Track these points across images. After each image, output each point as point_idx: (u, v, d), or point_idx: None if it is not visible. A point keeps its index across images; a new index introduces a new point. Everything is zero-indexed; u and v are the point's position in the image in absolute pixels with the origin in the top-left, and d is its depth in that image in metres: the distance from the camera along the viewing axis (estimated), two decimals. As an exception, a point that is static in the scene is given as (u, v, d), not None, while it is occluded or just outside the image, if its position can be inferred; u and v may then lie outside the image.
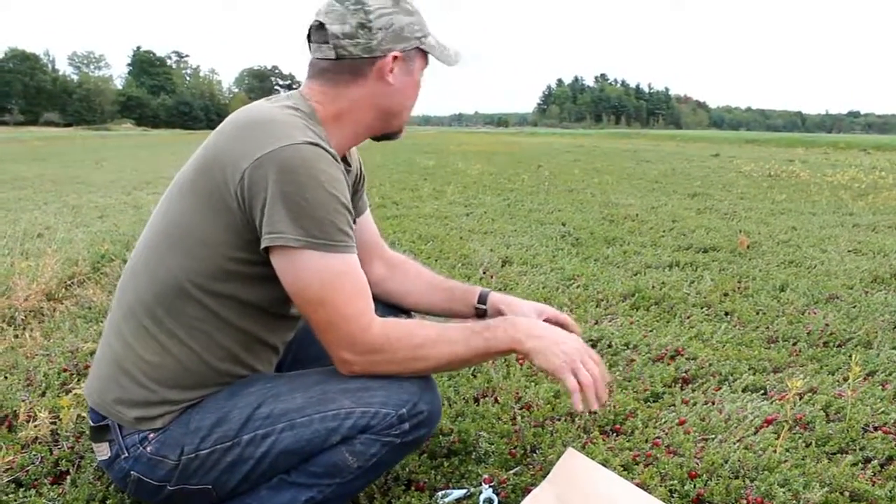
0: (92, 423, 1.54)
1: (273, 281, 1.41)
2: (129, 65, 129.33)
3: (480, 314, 1.86)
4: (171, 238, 1.44)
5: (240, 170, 1.34)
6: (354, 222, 1.48)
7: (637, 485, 1.76)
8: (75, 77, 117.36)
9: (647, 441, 2.10)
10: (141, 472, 1.49)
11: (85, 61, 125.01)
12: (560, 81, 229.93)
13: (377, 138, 1.65)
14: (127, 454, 1.48)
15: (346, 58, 1.48)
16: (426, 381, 1.53)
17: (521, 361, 1.71)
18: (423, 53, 1.57)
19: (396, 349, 1.46)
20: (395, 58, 1.50)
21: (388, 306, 1.87)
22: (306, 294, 1.38)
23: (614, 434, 2.17)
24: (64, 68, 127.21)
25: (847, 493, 1.81)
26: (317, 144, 1.37)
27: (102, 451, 1.53)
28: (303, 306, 1.40)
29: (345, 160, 1.65)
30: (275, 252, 1.36)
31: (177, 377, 1.47)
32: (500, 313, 1.81)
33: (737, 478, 1.88)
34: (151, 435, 1.47)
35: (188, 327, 1.45)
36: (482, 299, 1.88)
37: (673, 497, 1.80)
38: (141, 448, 1.47)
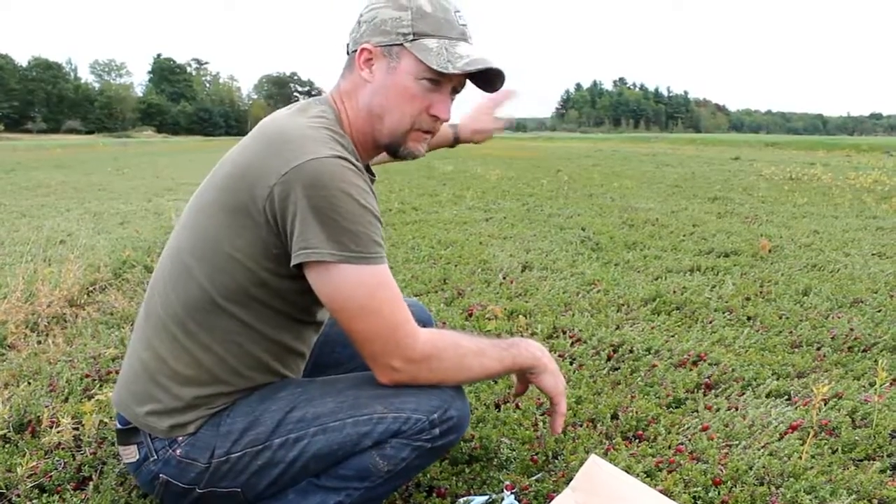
0: (119, 426, 1.55)
1: (301, 291, 1.42)
2: (149, 72, 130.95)
3: (455, 142, 2.19)
4: (198, 253, 1.44)
5: (267, 186, 1.34)
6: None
7: (660, 491, 1.75)
8: (97, 85, 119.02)
9: (670, 447, 2.08)
10: (170, 475, 1.50)
11: (106, 69, 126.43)
12: (579, 86, 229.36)
13: (389, 152, 1.58)
14: (156, 457, 1.49)
15: (348, 53, 1.53)
16: (456, 389, 1.54)
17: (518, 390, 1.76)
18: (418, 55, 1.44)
19: (443, 358, 1.47)
20: (365, 51, 1.47)
21: None
22: (349, 306, 1.37)
23: (637, 440, 2.15)
24: (86, 76, 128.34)
25: (875, 501, 1.79)
26: (341, 157, 1.36)
27: (130, 454, 1.54)
28: (345, 319, 1.39)
29: (369, 170, 1.63)
30: (310, 267, 1.36)
31: (210, 386, 1.48)
32: (469, 131, 2.18)
33: (762, 485, 1.85)
34: (181, 438, 1.48)
35: (221, 339, 1.46)
36: (456, 137, 2.18)
37: (697, 504, 1.78)
38: (170, 451, 1.48)
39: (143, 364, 1.50)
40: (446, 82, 1.48)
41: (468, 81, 1.53)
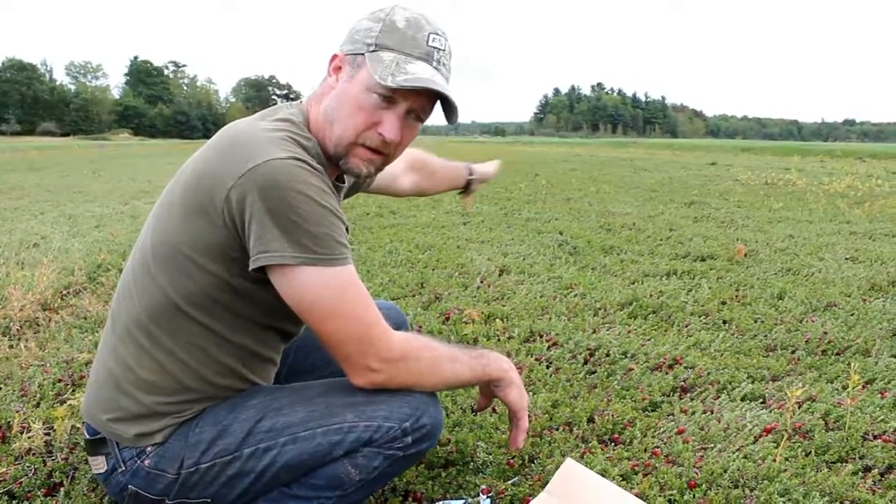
0: (88, 436, 1.52)
1: (265, 295, 1.40)
2: (126, 74, 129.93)
3: (469, 182, 2.33)
4: (160, 258, 1.42)
5: (224, 189, 1.31)
6: (347, 231, 1.44)
7: (636, 495, 1.75)
8: (73, 87, 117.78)
9: (645, 450, 2.09)
10: (139, 486, 1.47)
11: (82, 71, 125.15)
12: (557, 90, 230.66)
13: (336, 164, 1.51)
14: (124, 468, 1.47)
15: None
16: (429, 395, 1.52)
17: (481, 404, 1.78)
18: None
19: (419, 359, 1.46)
20: (336, 57, 1.46)
21: None
22: (317, 308, 1.35)
23: (613, 444, 2.15)
24: (61, 78, 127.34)
25: (848, 503, 1.80)
26: (298, 158, 1.33)
27: (98, 465, 1.51)
28: (315, 322, 1.37)
29: (340, 178, 1.61)
30: (273, 271, 1.34)
31: (177, 393, 1.45)
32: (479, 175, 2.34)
33: (736, 487, 1.87)
34: (150, 448, 1.45)
35: (185, 344, 1.44)
36: (471, 175, 2.33)
37: (672, 507, 1.79)
38: (139, 461, 1.46)
39: (109, 372, 1.48)
40: (400, 100, 1.41)
41: (438, 107, 1.48)
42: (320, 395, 1.50)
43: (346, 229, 1.41)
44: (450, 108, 1.46)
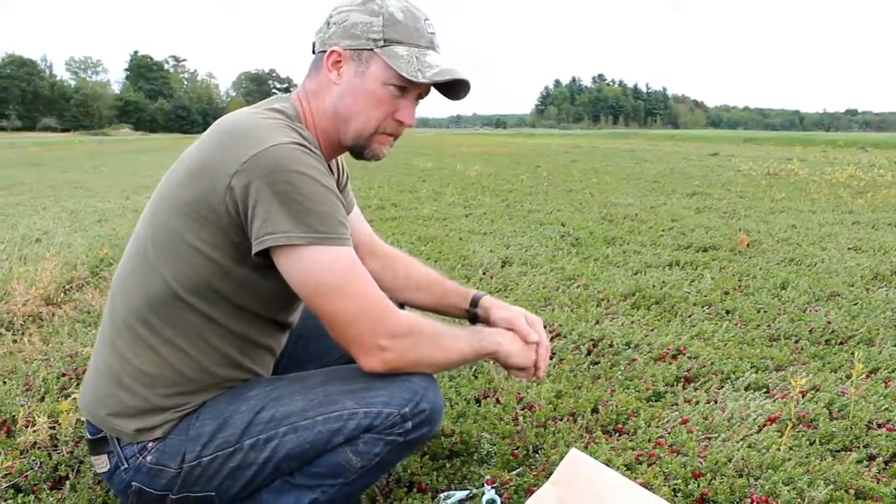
0: (90, 436, 1.52)
1: (263, 284, 1.41)
2: (126, 69, 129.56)
3: (472, 316, 1.88)
4: (161, 247, 1.42)
5: (226, 175, 1.32)
6: None
7: (641, 484, 1.75)
8: (73, 82, 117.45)
9: (650, 440, 2.09)
10: (142, 483, 1.47)
11: (82, 66, 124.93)
12: (558, 82, 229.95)
13: (352, 154, 1.59)
14: (127, 465, 1.47)
15: (314, 52, 1.53)
16: (428, 380, 1.52)
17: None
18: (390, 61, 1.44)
19: (424, 333, 1.46)
20: (335, 53, 1.46)
21: None
22: (324, 289, 1.35)
23: (617, 434, 2.16)
24: (61, 73, 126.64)
25: (852, 491, 1.80)
26: (300, 143, 1.36)
27: (101, 464, 1.51)
28: (321, 303, 1.36)
29: (331, 168, 1.63)
30: (278, 252, 1.34)
31: (176, 385, 1.45)
32: (489, 316, 1.82)
33: (741, 476, 1.87)
34: (151, 444, 1.45)
35: (184, 333, 1.44)
36: (475, 302, 1.88)
37: (677, 496, 1.79)
38: (141, 458, 1.46)
39: (108, 366, 1.48)
40: (413, 89, 1.49)
41: (433, 89, 1.54)
42: (319, 384, 1.50)
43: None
44: (454, 90, 1.53)
